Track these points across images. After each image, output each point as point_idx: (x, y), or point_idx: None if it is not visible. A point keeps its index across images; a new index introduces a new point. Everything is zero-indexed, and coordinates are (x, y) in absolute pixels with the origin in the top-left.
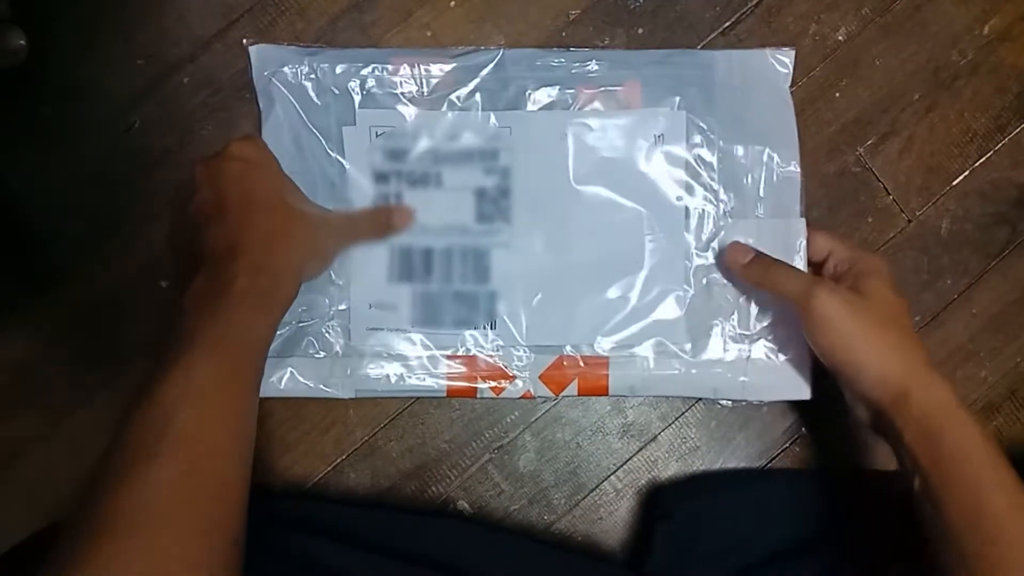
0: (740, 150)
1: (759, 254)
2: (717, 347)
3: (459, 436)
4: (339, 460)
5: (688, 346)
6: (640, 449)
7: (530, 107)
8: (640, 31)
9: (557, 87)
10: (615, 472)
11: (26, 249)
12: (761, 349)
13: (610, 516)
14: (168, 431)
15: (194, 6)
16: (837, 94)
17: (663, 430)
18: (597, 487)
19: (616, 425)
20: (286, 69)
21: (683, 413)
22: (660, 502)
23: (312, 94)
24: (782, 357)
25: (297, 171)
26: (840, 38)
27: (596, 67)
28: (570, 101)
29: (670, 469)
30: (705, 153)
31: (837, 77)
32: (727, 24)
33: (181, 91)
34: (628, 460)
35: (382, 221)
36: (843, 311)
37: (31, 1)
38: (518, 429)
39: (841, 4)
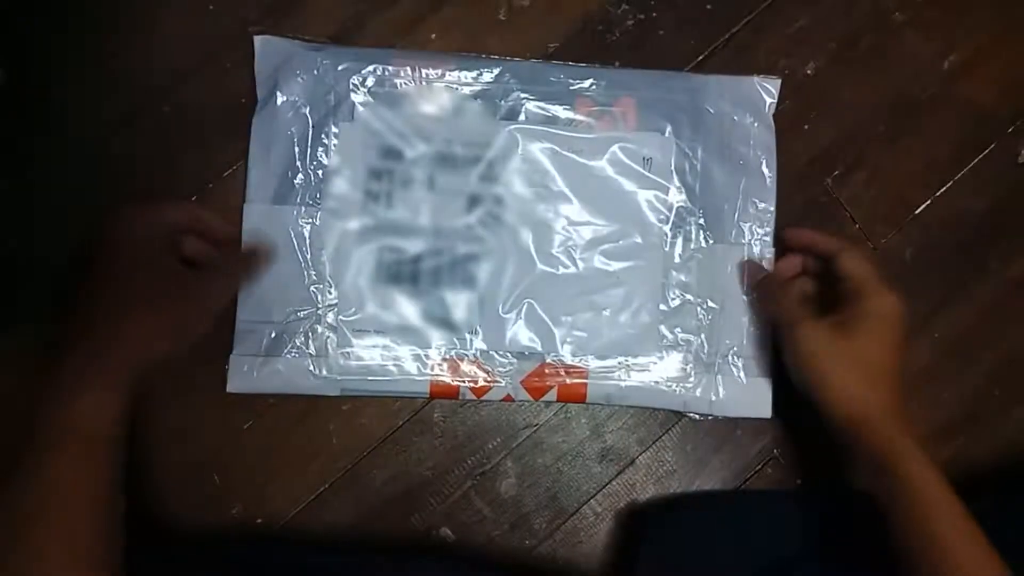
0: (722, 177)
1: (768, 276)
2: (688, 364)
3: (441, 463)
4: (322, 489)
5: (660, 363)
6: (619, 473)
7: (527, 119)
8: (616, 65)
9: (553, 102)
10: (595, 496)
11: (5, 279)
12: (728, 368)
13: (590, 540)
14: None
15: (176, 36)
16: (806, 126)
17: (641, 454)
18: (577, 511)
19: (595, 450)
20: (288, 62)
21: (660, 437)
22: (639, 526)
23: (312, 89)
24: (746, 377)
25: (287, 166)
26: (809, 72)
27: (593, 84)
28: (566, 116)
29: (648, 492)
30: (689, 178)
31: (806, 110)
32: (700, 58)
33: (162, 121)
34: (607, 484)
35: (234, 273)
36: (819, 349)
37: (9, 28)
38: (500, 455)
39: (810, 40)
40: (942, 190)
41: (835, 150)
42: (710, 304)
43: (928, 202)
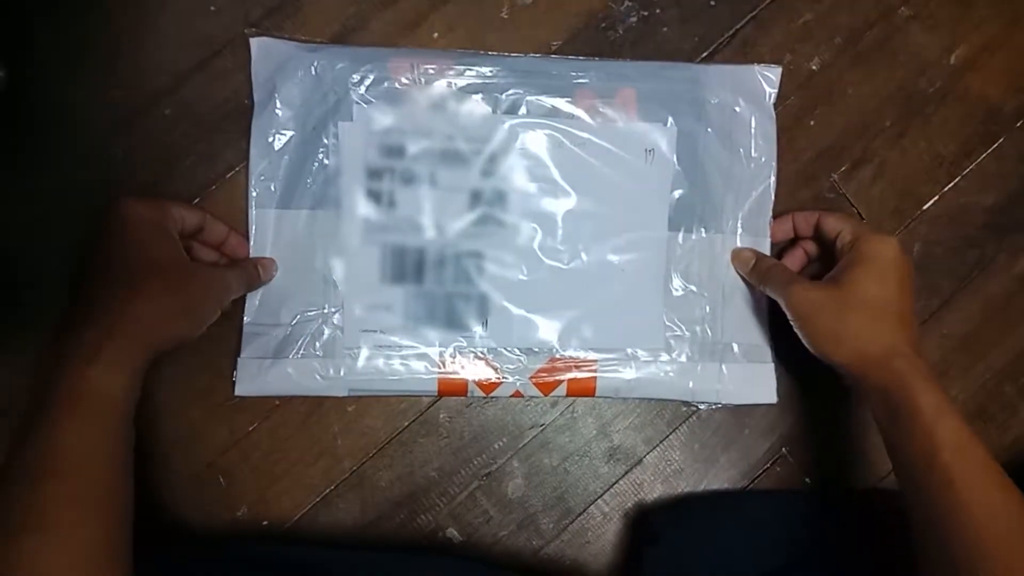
0: (723, 166)
1: (759, 258)
2: (693, 353)
3: (447, 464)
4: (327, 491)
5: (666, 354)
6: (626, 473)
7: (528, 113)
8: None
9: (554, 95)
10: (602, 496)
11: (7, 281)
12: (732, 356)
13: (598, 540)
14: (35, 503)
15: (175, 37)
16: (812, 122)
17: (648, 453)
18: (585, 511)
19: (602, 449)
20: (286, 64)
21: (667, 436)
22: (647, 526)
23: (310, 90)
24: (750, 364)
25: (289, 168)
26: (814, 67)
27: (593, 76)
28: (567, 109)
29: (655, 492)
30: (690, 169)
31: (812, 105)
32: (705, 54)
33: (163, 123)
34: (614, 484)
35: (251, 273)
36: (810, 307)
37: (10, 31)
38: (506, 455)
39: (815, 34)
40: (950, 185)
41: (841, 145)
42: (712, 294)
43: (936, 197)
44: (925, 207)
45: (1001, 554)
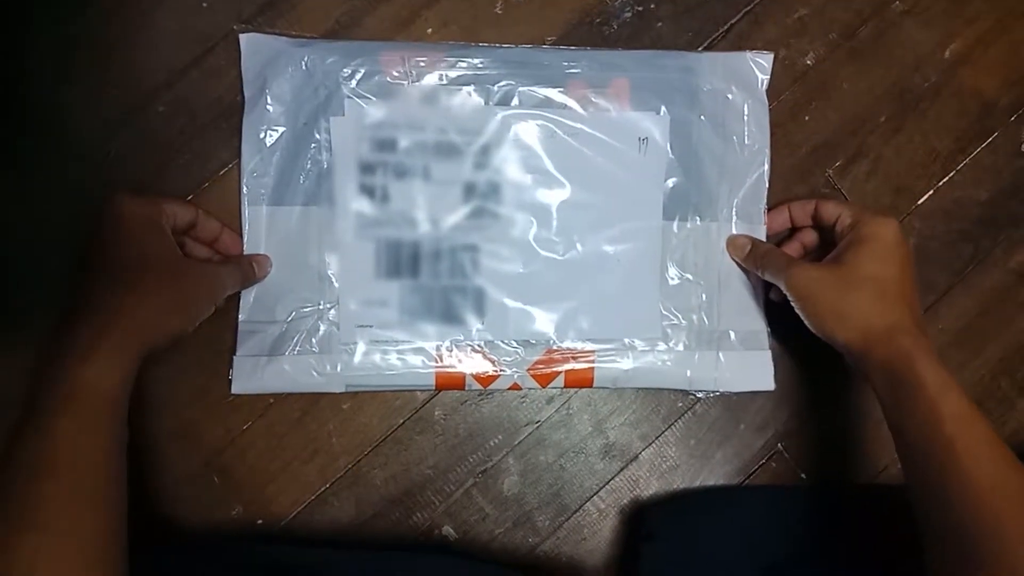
0: (717, 153)
1: (755, 243)
2: (690, 342)
3: (443, 461)
4: (323, 489)
5: (663, 343)
6: (622, 469)
7: (520, 104)
8: None
9: (547, 85)
10: (598, 492)
11: (3, 280)
12: (729, 344)
13: (594, 536)
14: (29, 501)
15: (169, 34)
16: (807, 117)
17: (644, 449)
18: (580, 508)
19: (598, 446)
20: (276, 59)
21: (663, 432)
22: (643, 522)
23: (301, 85)
24: (747, 351)
25: (281, 164)
26: (808, 62)
27: (585, 66)
28: (559, 100)
29: (651, 488)
30: (684, 157)
31: (806, 100)
32: (699, 49)
33: (157, 120)
34: (610, 480)
35: (246, 269)
36: (812, 286)
37: (5, 29)
38: (501, 453)
39: (809, 29)
40: (944, 180)
41: (836, 141)
42: (708, 282)
43: (930, 192)
44: (920, 202)
45: (1008, 527)
